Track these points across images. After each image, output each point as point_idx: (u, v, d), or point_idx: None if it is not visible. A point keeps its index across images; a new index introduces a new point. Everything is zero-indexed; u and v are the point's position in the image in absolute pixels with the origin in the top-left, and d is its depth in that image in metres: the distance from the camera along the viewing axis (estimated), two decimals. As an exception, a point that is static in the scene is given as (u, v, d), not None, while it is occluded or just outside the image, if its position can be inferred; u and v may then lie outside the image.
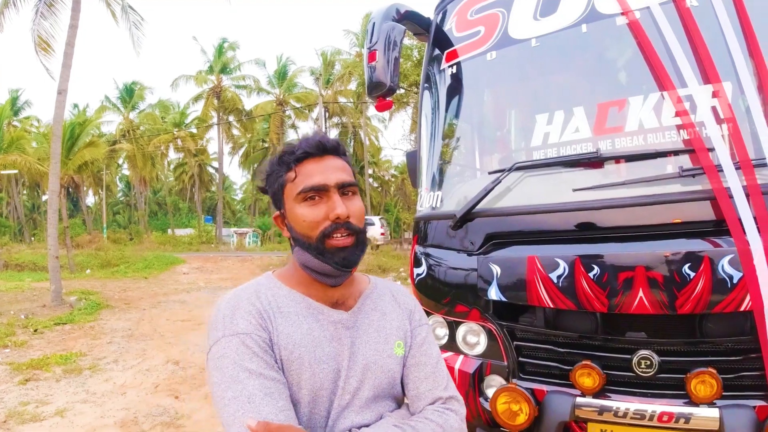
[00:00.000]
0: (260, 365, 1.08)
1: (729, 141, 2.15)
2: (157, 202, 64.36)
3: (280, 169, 1.22)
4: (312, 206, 1.17)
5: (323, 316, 1.20)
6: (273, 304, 1.18)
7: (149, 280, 18.28)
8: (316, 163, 1.19)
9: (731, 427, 1.96)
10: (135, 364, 6.82)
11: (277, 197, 1.24)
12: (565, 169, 2.47)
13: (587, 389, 2.21)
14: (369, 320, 1.26)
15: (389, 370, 1.23)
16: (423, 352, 1.29)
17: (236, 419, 1.03)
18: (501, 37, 2.83)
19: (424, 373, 1.27)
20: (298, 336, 1.15)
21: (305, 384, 1.13)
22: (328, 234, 1.15)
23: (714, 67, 2.24)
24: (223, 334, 1.12)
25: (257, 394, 1.05)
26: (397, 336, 1.27)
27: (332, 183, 1.17)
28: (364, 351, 1.21)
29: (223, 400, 1.06)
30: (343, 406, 1.17)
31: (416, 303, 1.39)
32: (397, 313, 1.31)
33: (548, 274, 2.28)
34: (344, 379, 1.17)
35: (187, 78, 42.18)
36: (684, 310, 2.03)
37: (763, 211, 1.99)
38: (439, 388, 1.26)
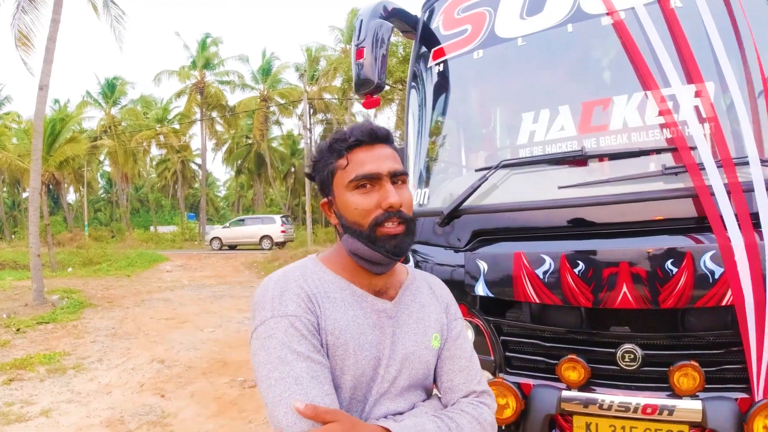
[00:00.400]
0: (308, 348, 1.09)
1: (711, 140, 2.20)
2: (139, 199, 63.65)
3: (330, 156, 1.21)
4: (364, 194, 1.17)
5: (367, 303, 1.22)
6: (320, 289, 1.18)
7: (132, 278, 18.10)
8: (368, 152, 1.19)
9: (713, 419, 2.01)
10: (119, 363, 6.78)
11: (325, 184, 1.24)
12: (551, 166, 2.50)
13: (573, 383, 2.25)
14: (409, 311, 1.27)
15: (426, 361, 1.26)
16: (458, 345, 1.31)
17: (283, 400, 1.04)
18: (488, 35, 2.86)
19: (459, 366, 1.29)
20: (344, 322, 1.16)
21: (348, 369, 1.15)
22: (380, 222, 1.15)
23: (697, 67, 2.29)
24: (272, 314, 1.12)
25: (304, 376, 1.06)
26: (434, 329, 1.29)
27: (384, 171, 1.17)
28: (404, 341, 1.23)
29: (269, 380, 1.07)
30: (380, 394, 1.19)
31: (451, 296, 1.41)
32: (434, 305, 1.33)
33: (534, 269, 2.32)
34: (384, 368, 1.19)
35: (170, 73, 41.70)
36: (667, 304, 2.08)
37: (743, 209, 2.05)
38: (473, 382, 1.29)
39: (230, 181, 65.35)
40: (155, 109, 47.14)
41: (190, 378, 6.09)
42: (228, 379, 6.02)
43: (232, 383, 5.84)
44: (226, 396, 5.43)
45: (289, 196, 53.28)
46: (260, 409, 4.98)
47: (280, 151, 48.47)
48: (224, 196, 74.01)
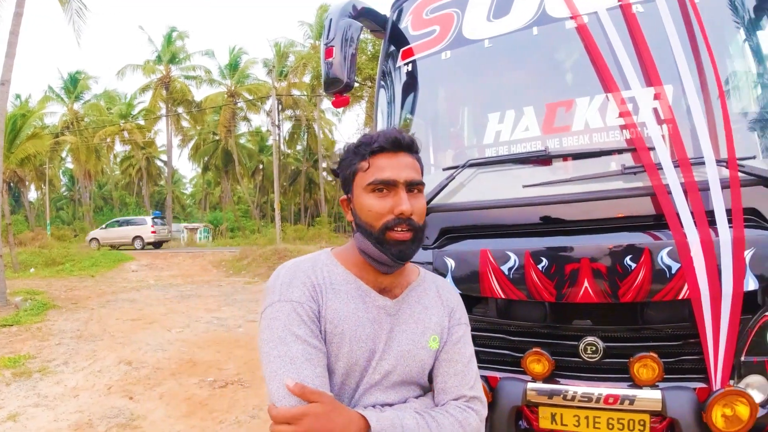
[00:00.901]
0: (306, 332, 1.19)
1: (669, 141, 2.30)
2: (103, 196, 62.12)
3: (354, 158, 1.29)
4: (379, 198, 1.24)
5: (370, 299, 1.28)
6: (327, 280, 1.26)
7: (96, 279, 17.71)
8: (390, 158, 1.25)
9: (673, 408, 2.10)
10: (86, 366, 6.64)
11: (347, 182, 1.31)
12: (516, 166, 2.58)
13: (537, 375, 2.33)
14: (411, 311, 1.33)
15: (421, 360, 1.31)
16: (457, 350, 1.36)
17: (277, 375, 1.14)
18: (455, 37, 2.91)
19: (454, 370, 1.34)
20: (344, 313, 1.24)
21: (342, 357, 1.22)
22: (390, 227, 1.22)
23: (656, 71, 2.39)
24: (279, 299, 1.22)
25: (299, 357, 1.15)
26: (434, 330, 1.34)
27: (401, 179, 1.24)
28: (400, 339, 1.29)
29: (269, 357, 1.17)
30: (371, 384, 1.25)
31: (459, 301, 1.46)
32: (438, 308, 1.38)
33: (500, 266, 2.38)
34: (377, 360, 1.25)
35: (134, 67, 40.83)
36: (626, 298, 2.17)
37: (699, 207, 2.14)
38: (466, 387, 1.33)
39: (197, 178, 64.34)
40: (119, 105, 46.11)
41: (159, 379, 6.01)
42: (197, 379, 5.96)
43: (202, 384, 5.80)
44: (196, 397, 5.38)
45: (257, 193, 52.83)
46: (231, 410, 4.96)
47: (248, 147, 47.94)
48: (191, 194, 72.77)
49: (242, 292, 13.74)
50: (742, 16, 2.54)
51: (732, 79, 2.77)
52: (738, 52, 2.74)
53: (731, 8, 2.53)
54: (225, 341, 7.82)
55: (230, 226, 50.18)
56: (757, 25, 2.52)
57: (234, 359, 6.78)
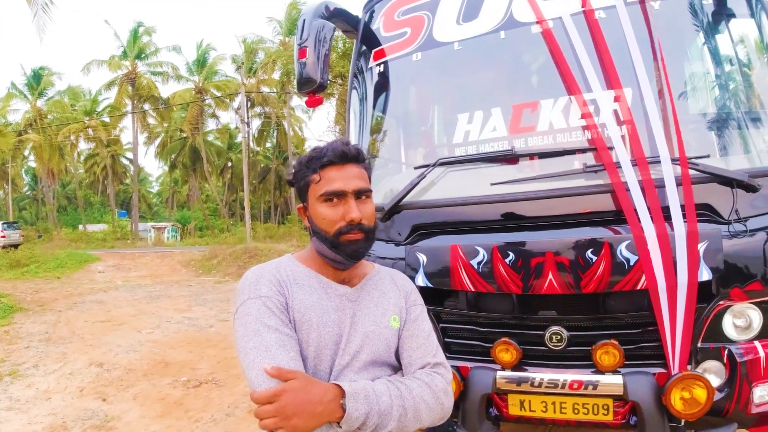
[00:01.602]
0: (277, 322, 1.30)
1: (627, 141, 2.43)
2: (67, 196, 60.68)
3: (306, 171, 1.40)
4: (331, 207, 1.37)
5: (331, 289, 1.41)
6: (291, 277, 1.38)
7: (63, 280, 17.33)
8: (339, 170, 1.37)
9: (634, 392, 2.24)
10: (57, 368, 6.56)
11: (302, 193, 1.44)
12: (484, 164, 2.68)
13: (506, 363, 2.44)
14: (370, 297, 1.46)
15: (385, 338, 1.43)
16: (416, 326, 1.49)
17: (255, 364, 1.24)
18: (426, 39, 3.00)
19: (417, 344, 1.46)
20: (309, 303, 1.36)
21: (312, 342, 1.33)
22: (343, 232, 1.34)
23: (616, 74, 2.52)
24: (248, 296, 1.34)
25: (273, 345, 1.26)
26: (393, 311, 1.47)
27: (350, 189, 1.36)
28: (364, 321, 1.41)
29: (245, 349, 1.28)
30: (343, 365, 1.36)
31: (413, 286, 1.59)
32: (394, 293, 1.51)
33: (469, 260, 2.49)
34: (345, 342, 1.37)
35: (100, 63, 39.90)
36: (588, 289, 2.29)
37: (655, 203, 2.28)
38: (429, 356, 1.45)
39: (164, 176, 63.25)
40: (84, 101, 45.02)
41: (132, 380, 5.98)
42: (171, 379, 5.95)
43: (175, 384, 5.79)
44: (170, 397, 5.37)
45: (226, 191, 52.23)
46: (206, 408, 4.98)
47: (216, 145, 47.35)
48: (157, 192, 71.56)
49: (213, 291, 13.65)
50: (698, 23, 2.69)
51: (689, 82, 2.93)
52: (694, 56, 2.90)
53: (688, 15, 2.67)
54: (197, 341, 7.79)
55: (199, 225, 49.57)
56: (712, 31, 2.67)
57: (207, 359, 6.77)
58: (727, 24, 2.68)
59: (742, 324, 2.28)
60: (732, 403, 2.24)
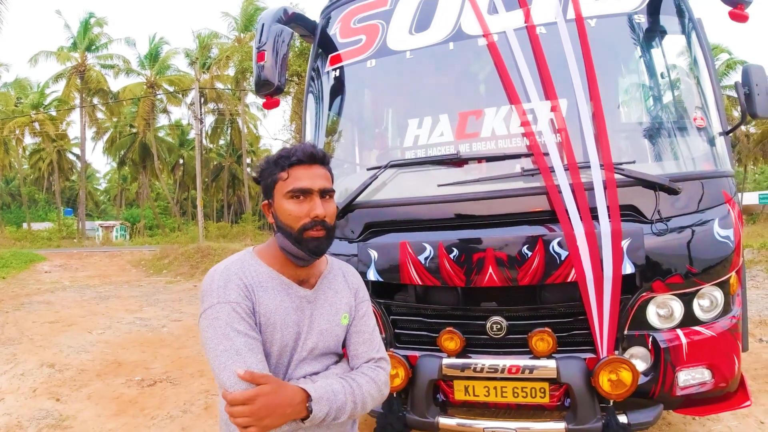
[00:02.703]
0: (246, 327, 1.41)
1: (561, 147, 2.66)
2: (11, 192, 58.11)
3: (275, 168, 1.49)
4: (297, 204, 1.46)
5: (292, 291, 1.52)
6: (256, 279, 1.48)
7: (7, 280, 16.68)
8: (306, 170, 1.47)
9: (566, 375, 2.48)
10: (7, 370, 6.40)
11: (268, 190, 1.51)
12: (432, 167, 2.87)
13: (451, 351, 2.64)
14: (325, 297, 1.59)
15: (336, 335, 1.59)
16: (363, 322, 1.64)
17: (227, 367, 1.34)
18: (380, 46, 3.16)
19: (362, 339, 1.62)
20: (273, 306, 1.47)
21: (276, 342, 1.47)
22: (307, 228, 1.45)
23: (553, 86, 2.74)
24: (218, 301, 1.42)
25: (243, 349, 1.37)
26: (344, 310, 1.61)
27: (316, 188, 1.46)
28: (320, 320, 1.55)
29: (215, 352, 1.37)
30: (300, 359, 1.51)
31: (361, 282, 1.72)
32: (346, 291, 1.65)
33: (417, 256, 2.68)
34: (303, 340, 1.51)
35: (48, 54, 38.19)
36: (524, 282, 2.52)
37: (584, 204, 2.52)
38: (373, 351, 1.61)
39: (112, 173, 61.32)
40: (31, 94, 43.14)
41: (85, 380, 5.90)
42: (124, 379, 5.90)
43: (129, 383, 5.75)
44: (125, 396, 5.35)
45: (178, 189, 51.06)
46: (162, 406, 4.98)
47: (168, 141, 46.13)
48: (105, 189, 69.21)
49: (164, 291, 13.41)
50: (631, 40, 2.93)
51: (621, 94, 3.20)
52: (627, 70, 3.16)
53: (622, 32, 2.91)
54: (149, 341, 7.72)
55: (148, 223, 48.35)
56: (646, 46, 2.92)
57: (160, 358, 6.73)
58: (660, 41, 2.93)
59: (664, 314, 2.53)
60: (658, 385, 2.48)
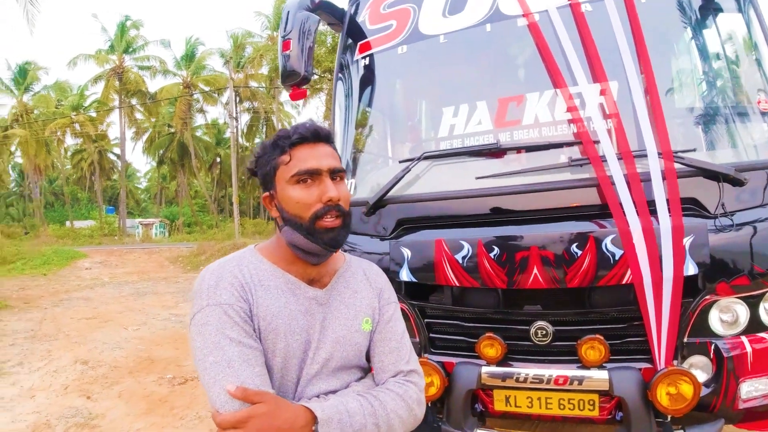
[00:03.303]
0: (240, 334, 1.17)
1: (613, 134, 2.41)
2: (54, 192, 60.06)
3: (273, 152, 1.28)
4: (305, 189, 1.24)
5: (300, 291, 1.29)
6: (255, 278, 1.25)
7: (49, 277, 17.20)
8: (310, 149, 1.26)
9: (619, 387, 2.22)
10: (41, 366, 6.48)
11: (267, 179, 1.30)
12: (469, 158, 2.65)
13: (491, 359, 2.42)
14: (341, 297, 1.35)
15: (356, 343, 1.34)
16: (389, 328, 1.40)
17: (216, 382, 1.12)
18: (412, 32, 2.97)
19: (389, 348, 1.38)
20: (275, 308, 1.23)
21: (279, 352, 1.22)
22: (320, 216, 1.23)
23: (602, 67, 2.50)
24: (207, 303, 1.20)
25: (236, 360, 1.14)
26: (365, 313, 1.37)
27: (325, 168, 1.25)
28: (334, 326, 1.31)
29: (205, 364, 1.15)
30: (312, 375, 1.26)
31: (386, 281, 1.48)
32: (367, 291, 1.41)
33: (454, 255, 2.46)
34: (314, 350, 1.27)
35: (86, 57, 39.41)
36: (573, 284, 2.27)
37: (641, 197, 2.26)
38: (402, 362, 1.37)
39: (152, 172, 62.79)
40: (71, 96, 44.51)
41: (116, 378, 5.92)
42: (156, 377, 5.89)
43: (161, 381, 5.73)
44: (155, 394, 5.32)
45: (215, 187, 51.91)
46: (191, 405, 4.93)
47: (205, 140, 47.03)
48: (145, 188, 70.96)
49: (201, 287, 13.53)
50: (685, 18, 2.68)
51: (676, 76, 2.92)
52: (681, 51, 2.89)
53: (675, 9, 2.67)
54: (183, 338, 7.72)
55: (187, 221, 49.28)
56: (699, 26, 2.66)
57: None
58: (714, 19, 2.67)
59: (728, 319, 2.27)
60: (719, 398, 2.23)
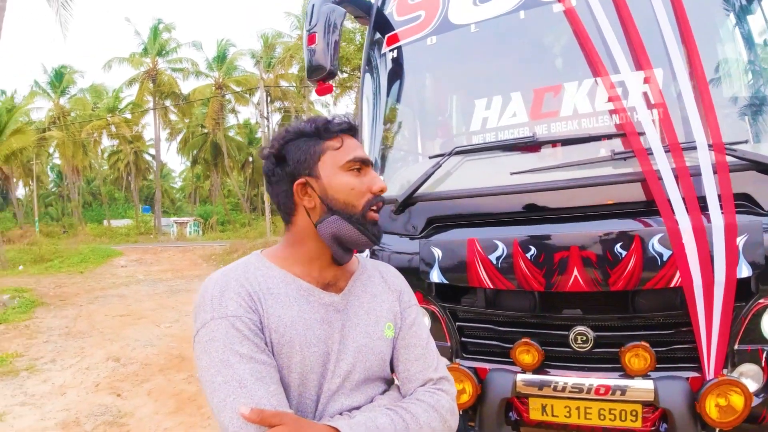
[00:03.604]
0: (251, 349, 1.05)
1: (659, 125, 2.24)
2: (91, 192, 61.69)
3: (316, 137, 1.19)
4: (357, 177, 1.18)
5: (314, 298, 1.18)
6: (263, 285, 1.14)
7: (85, 275, 17.59)
8: (352, 139, 1.21)
9: (665, 398, 2.06)
10: (74, 363, 6.57)
11: (303, 165, 1.17)
12: (503, 152, 2.51)
13: (527, 366, 2.28)
14: (359, 303, 1.24)
15: (379, 352, 1.22)
16: (413, 333, 1.29)
17: (227, 404, 1.00)
18: (441, 21, 2.84)
19: (415, 355, 1.26)
20: (288, 318, 1.12)
21: (295, 367, 1.11)
22: (371, 206, 1.17)
23: (646, 54, 2.32)
24: (212, 316, 1.08)
25: (248, 378, 1.02)
26: (387, 318, 1.26)
27: (371, 159, 1.21)
28: (354, 334, 1.19)
29: (213, 385, 1.03)
30: (333, 390, 1.15)
31: (405, 283, 1.38)
32: (386, 294, 1.30)
33: (488, 255, 2.32)
34: (334, 363, 1.15)
35: (121, 60, 40.42)
36: (617, 287, 2.11)
37: (691, 192, 2.09)
38: (430, 369, 1.26)
39: (186, 171, 63.88)
40: (106, 99, 45.67)
41: (147, 375, 5.95)
42: (186, 374, 5.90)
43: (191, 379, 5.73)
44: (185, 393, 5.32)
45: (247, 186, 52.53)
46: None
47: (237, 140, 47.70)
48: (180, 188, 72.30)
49: (232, 285, 13.66)
50: (733, 1, 2.49)
51: (724, 63, 2.73)
52: (729, 35, 2.69)
53: None
54: (215, 336, 7.75)
55: (220, 219, 50.06)
56: (749, 9, 2.47)
57: (223, 354, 6.72)
58: (760, 2, 2.48)
59: None
60: None
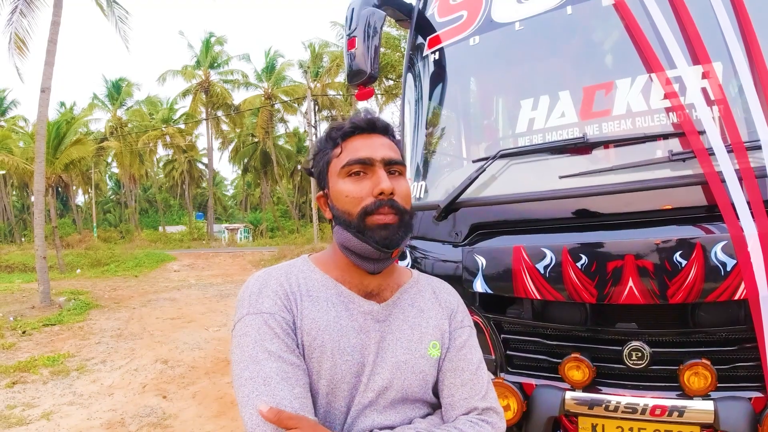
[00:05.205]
0: (280, 347, 1.03)
1: (720, 123, 2.07)
2: (148, 199, 64.05)
3: (326, 147, 1.18)
4: (356, 181, 1.11)
5: (354, 305, 1.13)
6: (302, 287, 1.12)
7: (139, 279, 18.19)
8: (364, 139, 1.14)
9: (726, 420, 1.90)
10: (123, 364, 6.74)
11: (321, 176, 1.19)
12: (551, 155, 2.38)
13: (577, 383, 2.14)
14: (404, 315, 1.17)
15: (421, 371, 1.15)
16: (462, 356, 1.19)
17: (250, 400, 0.98)
18: (484, 21, 2.75)
19: (461, 380, 1.17)
20: (323, 322, 1.09)
21: (325, 373, 1.07)
22: (371, 211, 1.08)
23: (704, 47, 2.16)
24: (248, 311, 1.08)
25: (274, 377, 1.00)
26: (433, 336, 1.18)
27: (378, 157, 1.11)
28: (394, 348, 1.13)
29: (240, 380, 1.02)
30: (365, 404, 1.09)
31: (460, 302, 1.30)
32: (436, 311, 1.22)
33: (535, 264, 2.20)
34: (368, 375, 1.09)
35: (174, 73, 41.86)
36: (676, 299, 1.95)
37: (757, 196, 1.92)
38: (477, 398, 1.16)
39: (237, 179, 65.56)
40: (161, 110, 47.39)
41: (193, 378, 6.04)
42: (230, 378, 5.95)
43: (235, 383, 5.79)
44: (228, 396, 5.37)
45: (296, 193, 53.36)
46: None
47: (286, 148, 48.62)
48: (232, 195, 74.32)
49: (280, 291, 13.85)
50: None
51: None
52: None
53: None
54: (260, 341, 7.83)
55: (270, 226, 51.02)
56: None
57: (269, 359, 6.77)
58: None
59: None
60: None
